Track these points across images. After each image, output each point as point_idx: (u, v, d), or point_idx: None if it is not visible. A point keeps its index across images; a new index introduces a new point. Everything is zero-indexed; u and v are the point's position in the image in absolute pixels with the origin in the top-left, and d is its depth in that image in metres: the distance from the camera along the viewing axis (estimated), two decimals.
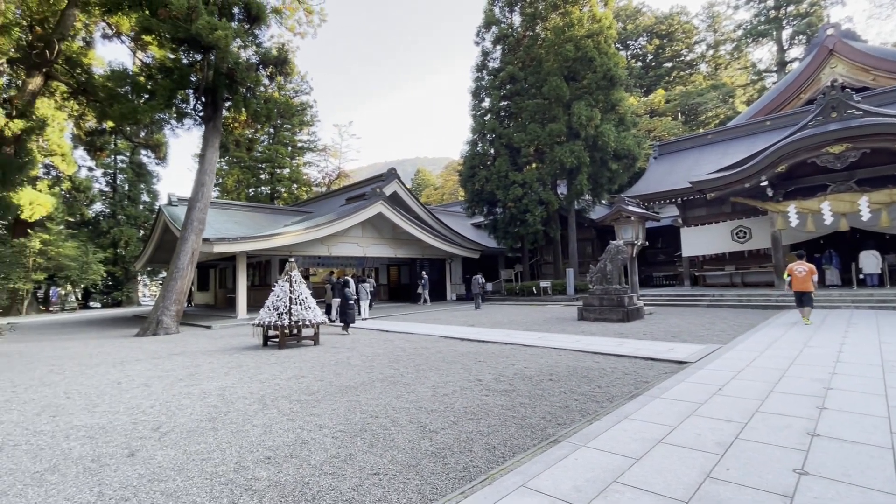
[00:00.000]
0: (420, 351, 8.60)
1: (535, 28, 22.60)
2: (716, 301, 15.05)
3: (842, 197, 13.78)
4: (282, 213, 25.32)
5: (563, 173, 21.11)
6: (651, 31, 49.48)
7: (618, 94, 21.20)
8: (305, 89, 41.41)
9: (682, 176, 19.59)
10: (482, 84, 24.03)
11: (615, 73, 20.53)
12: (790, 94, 25.83)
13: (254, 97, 15.98)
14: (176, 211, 18.62)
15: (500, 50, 23.64)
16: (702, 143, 23.30)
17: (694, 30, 49.06)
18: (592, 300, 12.31)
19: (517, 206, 21.15)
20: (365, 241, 20.66)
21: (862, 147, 13.10)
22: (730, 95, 43.75)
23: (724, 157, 19.20)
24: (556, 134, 20.41)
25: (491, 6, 23.75)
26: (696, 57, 50.14)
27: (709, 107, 41.99)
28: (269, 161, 39.87)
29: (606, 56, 20.64)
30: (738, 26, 45.78)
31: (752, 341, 7.93)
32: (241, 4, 14.99)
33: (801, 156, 13.77)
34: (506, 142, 21.96)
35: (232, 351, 9.49)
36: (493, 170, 22.04)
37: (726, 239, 18.34)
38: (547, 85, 20.55)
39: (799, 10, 40.99)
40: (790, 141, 13.76)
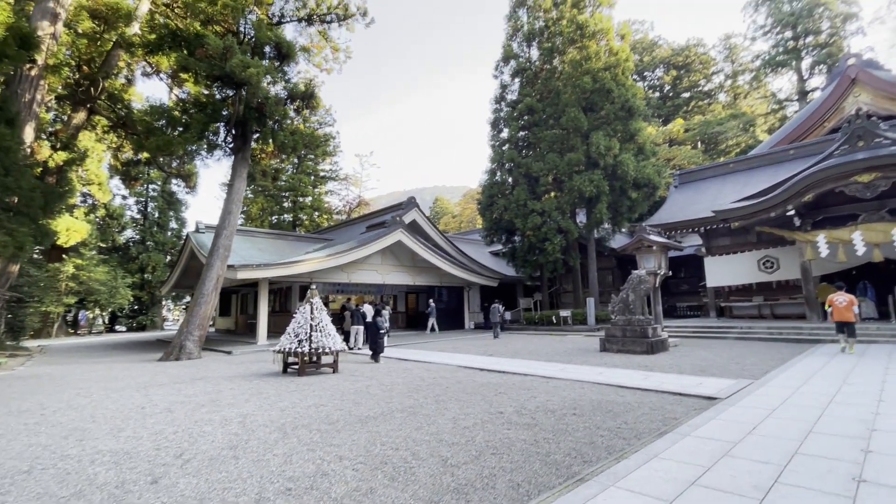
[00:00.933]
0: (439, 381, 8.49)
1: (553, 61, 23.14)
2: (745, 333, 14.52)
3: (874, 227, 13.34)
4: (303, 240, 25.84)
5: (581, 202, 21.10)
6: (668, 62, 50.06)
7: (636, 124, 21.33)
8: (329, 121, 42.92)
9: (705, 205, 19.35)
10: (500, 115, 24.52)
11: (633, 103, 20.72)
12: (813, 123, 25.51)
13: (281, 130, 16.65)
14: (203, 238, 19.21)
15: (518, 82, 24.21)
16: (723, 171, 23.06)
17: (711, 61, 49.45)
18: (615, 331, 12.03)
19: (536, 235, 21.11)
20: (384, 269, 20.83)
21: (892, 176, 12.76)
22: (750, 124, 43.46)
23: (747, 187, 18.92)
24: (575, 163, 20.53)
25: (509, 41, 24.50)
26: (715, 87, 50.32)
27: (729, 136, 41.73)
28: (292, 190, 41.03)
29: (624, 87, 20.91)
30: (756, 57, 45.92)
31: (787, 377, 7.59)
32: (273, 43, 15.84)
33: (829, 185, 13.47)
34: (524, 171, 22.17)
35: (252, 377, 9.55)
36: (511, 198, 22.18)
37: (753, 269, 17.83)
38: (565, 116, 20.84)
39: (818, 41, 41.00)
40: (817, 170, 13.52)
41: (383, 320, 12.78)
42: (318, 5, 16.96)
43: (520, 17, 24.55)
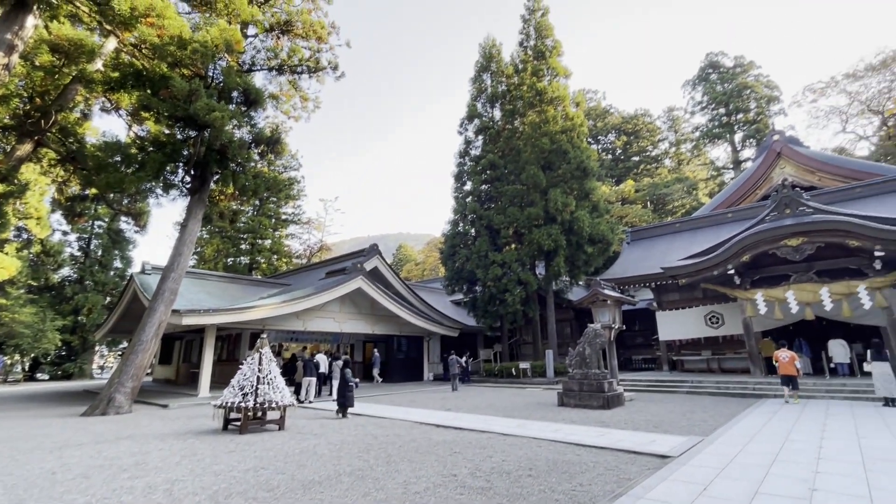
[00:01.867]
0: (393, 439, 8.09)
1: (514, 122, 24.58)
2: (695, 388, 14.91)
3: (804, 287, 14.45)
4: (258, 284, 24.89)
5: (541, 255, 21.73)
6: (619, 128, 54.31)
7: (591, 183, 22.65)
8: (295, 165, 42.94)
9: (655, 261, 20.39)
10: (464, 169, 25.42)
11: (587, 164, 22.10)
12: (747, 190, 28.03)
13: (243, 172, 16.44)
14: (148, 280, 18.11)
15: (481, 139, 25.41)
16: (671, 230, 24.60)
17: (657, 129, 54.12)
18: (572, 385, 12.04)
19: (496, 286, 21.37)
20: (342, 317, 20.24)
21: (817, 241, 14.02)
22: (693, 188, 47.17)
23: (693, 245, 20.19)
24: (534, 218, 21.33)
25: (474, 102, 25.93)
26: (661, 153, 54.75)
27: (675, 197, 44.97)
28: (251, 232, 39.97)
29: (579, 149, 22.36)
30: (695, 129, 50.76)
31: (734, 433, 7.76)
32: (241, 89, 15.97)
33: (762, 247, 14.61)
34: (486, 223, 22.76)
35: (188, 435, 8.74)
36: (473, 249, 22.55)
37: (700, 324, 18.67)
38: (525, 173, 21.89)
39: (747, 118, 46.00)
40: (751, 233, 14.68)
41: (352, 372, 12.16)
42: (289, 57, 17.42)
43: (484, 81, 26.20)
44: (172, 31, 13.83)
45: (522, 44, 25.68)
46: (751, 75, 47.61)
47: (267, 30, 17.98)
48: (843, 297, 13.88)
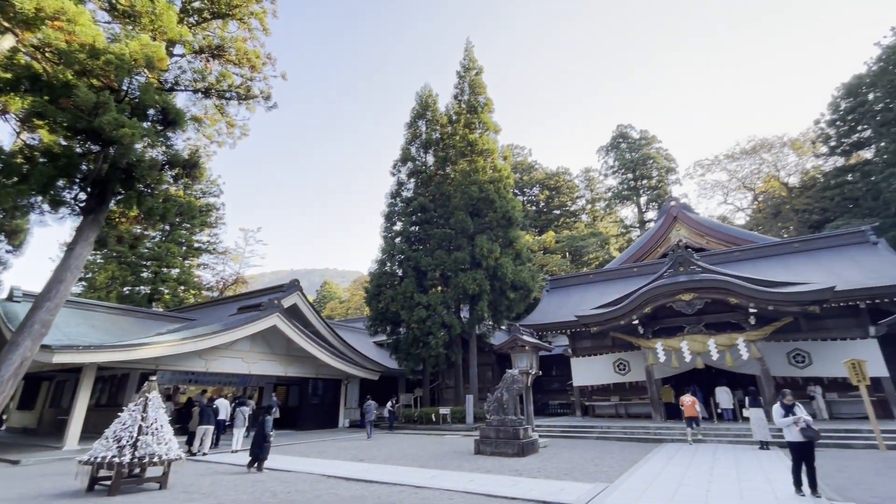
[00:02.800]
0: (294, 497, 7.38)
1: (446, 169, 25.49)
2: (604, 433, 15.55)
3: (695, 338, 16.02)
4: (157, 318, 22.38)
5: (466, 299, 22.08)
6: (543, 183, 58.49)
7: (515, 232, 23.82)
8: (215, 192, 40.44)
9: (571, 309, 21.54)
10: (395, 209, 25.58)
11: (513, 214, 23.32)
12: (650, 247, 31.15)
13: (151, 195, 15.09)
14: (15, 308, 15.54)
15: (413, 182, 25.91)
16: (585, 281, 26.36)
17: (575, 187, 59.08)
18: (489, 432, 11.99)
19: (421, 328, 21.18)
20: (252, 357, 18.68)
21: (705, 297, 15.77)
22: (605, 242, 51.51)
23: (604, 296, 21.71)
24: (461, 262, 21.80)
25: (408, 146, 26.60)
26: (578, 208, 59.53)
27: (590, 250, 48.68)
28: (156, 259, 36.30)
29: (505, 200, 23.59)
30: (608, 189, 56.19)
31: (636, 479, 8.12)
32: (159, 108, 14.96)
33: (661, 300, 16.11)
34: (413, 264, 22.80)
35: (36, 500, 7.29)
36: (399, 290, 22.34)
37: (609, 370, 19.80)
38: (454, 218, 22.53)
39: (651, 184, 51.93)
40: (651, 288, 16.18)
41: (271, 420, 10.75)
42: (218, 81, 16.79)
43: (419, 127, 27.10)
44: (84, 38, 12.78)
45: (457, 97, 27.19)
46: (653, 147, 54.32)
47: (196, 51, 17.28)
48: (726, 348, 15.56)
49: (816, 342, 16.24)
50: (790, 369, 16.51)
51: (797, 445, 6.65)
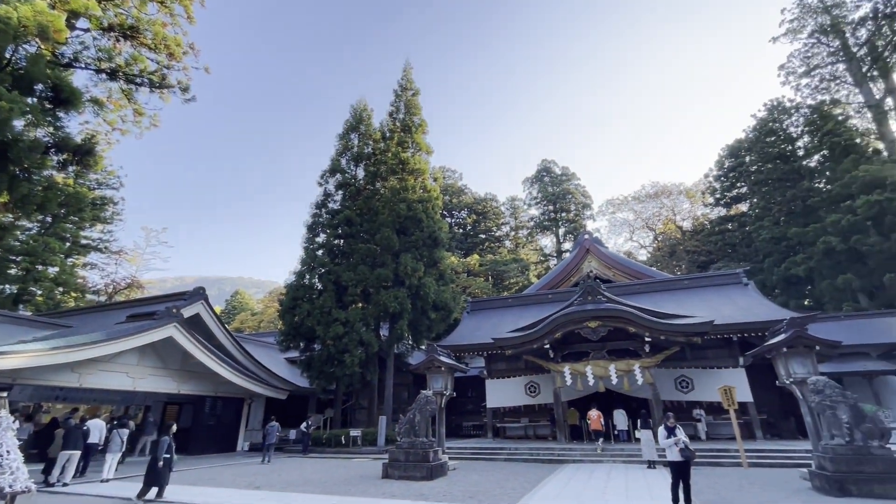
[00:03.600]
0: None
1: (376, 184, 25.28)
2: (512, 455, 15.92)
3: (598, 363, 17.17)
4: (22, 323, 19.18)
5: (386, 317, 21.74)
6: (471, 207, 60.31)
7: (440, 252, 24.11)
8: (113, 184, 36.12)
9: (489, 331, 22.08)
10: (320, 220, 24.71)
11: (439, 235, 23.63)
12: (565, 276, 33.20)
13: (28, 180, 13.12)
14: None
15: (341, 194, 25.30)
16: (504, 304, 27.29)
17: (501, 214, 61.67)
18: (399, 454, 11.72)
19: (337, 345, 20.39)
20: (139, 371, 16.63)
21: (609, 325, 17.04)
22: (526, 268, 54.06)
23: (521, 320, 22.58)
24: (384, 279, 21.51)
25: (339, 157, 26.04)
26: (503, 234, 62.05)
27: (511, 275, 50.75)
28: (29, 254, 31.34)
29: (433, 220, 23.87)
30: (530, 219, 59.33)
31: (536, 501, 8.34)
32: (50, 83, 13.21)
33: (570, 327, 17.12)
34: (334, 278, 22.06)
35: None
36: (316, 304, 21.41)
37: (521, 393, 20.46)
38: (380, 234, 22.28)
39: (569, 217, 55.73)
40: (561, 314, 17.16)
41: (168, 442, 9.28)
42: (128, 64, 15.28)
43: (351, 140, 26.71)
44: None
45: (392, 115, 27.31)
46: (573, 183, 58.65)
47: (104, 28, 15.62)
48: (624, 373, 16.85)
49: (698, 370, 18.19)
50: (677, 394, 18.26)
51: (676, 464, 7.30)
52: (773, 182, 36.22)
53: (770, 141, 38.17)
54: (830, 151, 33.19)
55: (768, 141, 38.23)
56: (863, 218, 27.70)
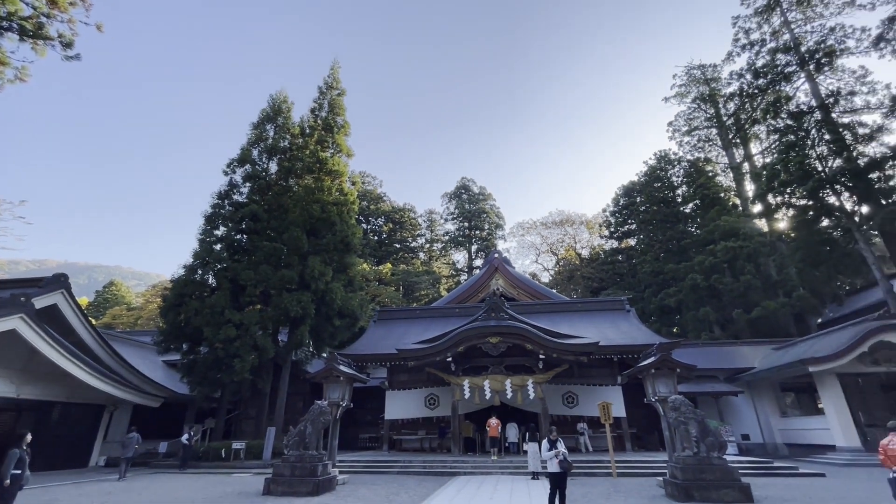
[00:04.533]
0: None
1: (289, 181, 24.00)
2: (405, 468, 15.80)
3: (496, 378, 17.87)
4: None
5: (286, 321, 20.53)
6: (388, 216, 59.93)
7: (351, 258, 23.50)
8: None
9: (395, 342, 21.92)
10: (221, 212, 22.72)
11: (351, 240, 23.05)
12: (473, 291, 34.26)
13: None
14: None
15: (248, 187, 23.58)
16: (412, 316, 27.32)
17: (418, 225, 62.13)
18: (284, 469, 11.00)
19: (227, 349, 18.72)
20: None
21: (508, 341, 17.85)
22: (437, 281, 54.87)
23: (427, 332, 22.76)
24: (288, 281, 20.34)
25: (250, 147, 24.30)
26: (418, 246, 62.49)
27: (422, 286, 51.13)
28: None
29: (347, 224, 23.25)
30: (446, 233, 60.56)
31: None
32: None
33: (473, 341, 17.65)
34: (231, 276, 20.34)
35: None
36: (207, 302, 19.51)
37: (420, 405, 20.52)
38: (289, 233, 21.12)
39: (482, 235, 57.90)
40: (465, 329, 17.64)
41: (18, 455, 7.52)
42: None
43: (267, 130, 25.14)
44: None
45: (315, 112, 26.31)
46: (489, 203, 61.20)
47: None
48: (519, 388, 17.73)
49: (583, 386, 19.78)
50: (564, 409, 19.65)
51: (555, 475, 7.80)
52: (656, 222, 41.22)
53: (656, 186, 43.54)
54: (701, 201, 38.76)
55: (655, 186, 43.57)
56: (721, 260, 32.62)
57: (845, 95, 24.94)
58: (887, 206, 22.08)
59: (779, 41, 28.53)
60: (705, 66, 43.96)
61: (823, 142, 24.78)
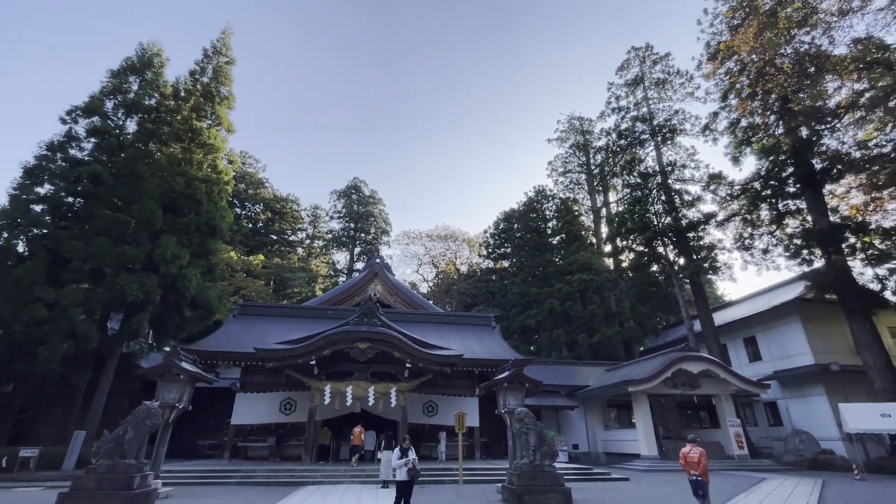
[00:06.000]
0: None
1: (150, 146, 20.82)
2: (246, 477, 14.49)
3: (360, 384, 17.56)
4: None
5: (122, 306, 17.56)
6: (268, 203, 55.51)
7: (215, 244, 21.19)
8: None
9: (255, 339, 20.15)
10: (50, 167, 18.60)
11: (219, 224, 20.81)
12: (350, 294, 33.43)
13: None
14: None
15: (93, 143, 19.81)
16: (279, 313, 25.52)
17: (301, 218, 58.64)
18: (88, 481, 9.23)
19: (30, 333, 15.23)
20: None
21: (378, 348, 17.72)
22: (314, 280, 52.30)
23: (293, 332, 21.40)
24: (131, 259, 17.47)
25: (104, 97, 20.49)
26: (297, 240, 58.93)
27: (297, 283, 48.21)
28: None
29: (216, 206, 20.95)
30: (329, 231, 58.34)
31: None
32: None
33: (341, 345, 17.15)
34: (52, 245, 16.75)
35: None
36: (11, 274, 15.72)
37: (275, 409, 19.14)
38: (140, 205, 18.21)
39: (367, 239, 57.09)
40: (334, 332, 17.09)
41: None
42: None
43: (129, 82, 21.52)
44: None
45: (195, 76, 23.40)
46: (378, 208, 60.72)
47: None
48: (382, 395, 17.66)
49: (444, 396, 20.52)
50: (423, 417, 20.11)
51: (402, 483, 7.89)
52: (528, 249, 45.21)
53: (532, 217, 47.90)
54: (566, 236, 43.73)
55: (531, 216, 47.90)
56: (575, 290, 37.05)
57: (679, 167, 30.60)
58: (696, 261, 27.51)
59: (640, 111, 33.94)
60: (583, 118, 50.23)
61: (660, 201, 30.00)
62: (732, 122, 25.50)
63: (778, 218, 23.88)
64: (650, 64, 34.31)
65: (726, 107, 25.59)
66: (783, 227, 23.90)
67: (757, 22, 18.43)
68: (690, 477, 8.10)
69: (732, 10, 20.77)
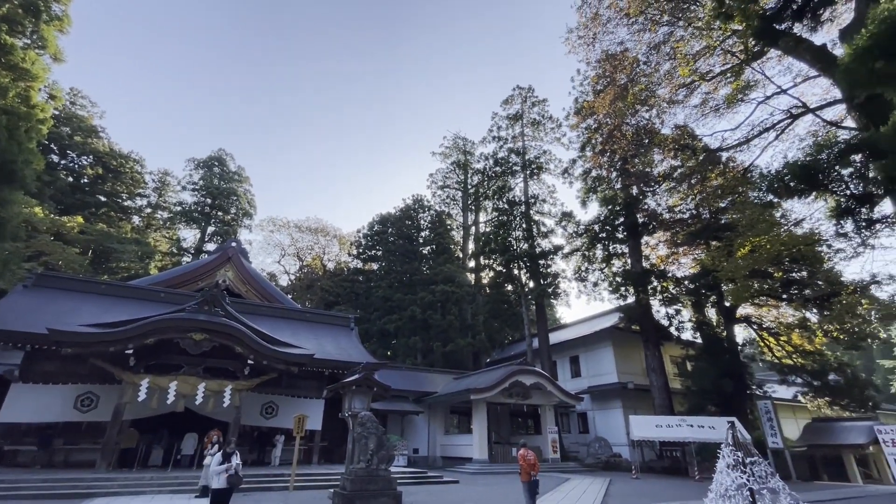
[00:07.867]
0: None
1: None
2: (10, 491, 11.55)
3: (188, 380, 15.50)
4: None
5: None
6: (101, 158, 46.05)
7: (14, 195, 16.79)
8: None
9: (53, 318, 16.39)
10: None
11: (21, 169, 16.51)
12: (193, 277, 29.41)
13: None
14: None
15: None
16: (92, 290, 21.18)
17: (143, 183, 49.92)
18: None
19: None
20: None
21: (216, 341, 15.87)
22: (149, 256, 44.83)
23: (108, 313, 18.00)
24: None
25: None
26: (134, 207, 50.01)
27: (126, 257, 40.72)
28: None
29: (20, 146, 16.58)
30: (179, 203, 50.94)
31: None
32: None
33: (171, 334, 14.96)
34: None
35: None
36: None
37: (69, 406, 15.74)
38: None
39: (224, 219, 51.33)
40: (165, 318, 14.87)
41: None
42: None
43: None
44: None
45: None
46: (244, 187, 55.12)
47: None
48: (213, 393, 15.84)
49: (287, 397, 19.31)
50: (261, 419, 18.58)
51: (218, 492, 7.12)
52: (399, 255, 45.67)
53: (407, 223, 48.62)
54: (437, 247, 45.41)
55: (406, 223, 48.59)
56: (437, 300, 38.54)
57: (540, 200, 34.35)
58: (543, 285, 31.03)
59: (515, 144, 37.28)
60: (467, 139, 53.15)
61: (521, 228, 33.20)
62: (585, 171, 29.74)
63: (608, 258, 28.47)
64: (530, 104, 38.04)
65: (583, 157, 29.76)
66: (611, 265, 28.56)
67: (613, 91, 21.87)
68: (532, 478, 9.10)
69: (597, 77, 24.34)
